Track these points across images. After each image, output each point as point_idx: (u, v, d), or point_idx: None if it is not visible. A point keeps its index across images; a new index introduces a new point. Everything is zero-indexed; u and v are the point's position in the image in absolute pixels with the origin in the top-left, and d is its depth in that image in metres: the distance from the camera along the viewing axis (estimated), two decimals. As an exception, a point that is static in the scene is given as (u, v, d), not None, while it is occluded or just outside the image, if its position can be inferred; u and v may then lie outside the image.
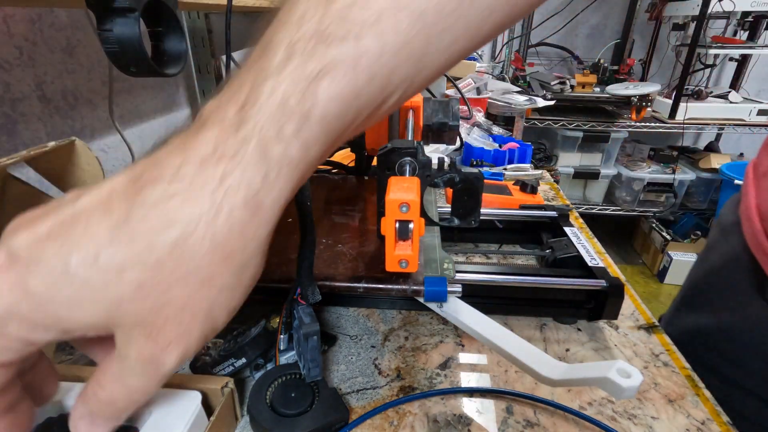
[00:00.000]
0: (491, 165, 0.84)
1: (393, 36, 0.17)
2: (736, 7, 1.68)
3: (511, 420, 0.34)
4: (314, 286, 0.35)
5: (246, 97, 0.17)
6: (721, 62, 2.19)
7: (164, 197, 0.16)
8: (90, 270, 0.16)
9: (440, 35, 0.19)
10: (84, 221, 0.16)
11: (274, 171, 0.17)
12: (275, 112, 0.17)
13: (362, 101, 0.18)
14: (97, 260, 0.16)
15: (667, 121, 1.86)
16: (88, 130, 0.64)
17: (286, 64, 0.17)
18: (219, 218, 0.16)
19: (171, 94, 0.83)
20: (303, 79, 0.17)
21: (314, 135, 0.17)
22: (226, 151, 0.16)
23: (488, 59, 2.25)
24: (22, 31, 0.52)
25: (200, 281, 0.17)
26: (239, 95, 0.17)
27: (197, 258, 0.16)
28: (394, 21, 0.17)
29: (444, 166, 0.40)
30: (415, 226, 0.32)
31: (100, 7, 0.34)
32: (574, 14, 2.15)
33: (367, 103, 0.18)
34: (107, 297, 0.16)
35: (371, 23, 0.17)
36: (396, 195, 0.31)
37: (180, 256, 0.16)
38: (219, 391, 0.31)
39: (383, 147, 0.39)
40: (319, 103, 0.17)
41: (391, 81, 0.18)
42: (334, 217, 0.51)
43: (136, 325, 0.17)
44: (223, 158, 0.16)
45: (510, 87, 1.63)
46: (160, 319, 0.17)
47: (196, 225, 0.16)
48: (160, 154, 0.17)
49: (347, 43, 0.17)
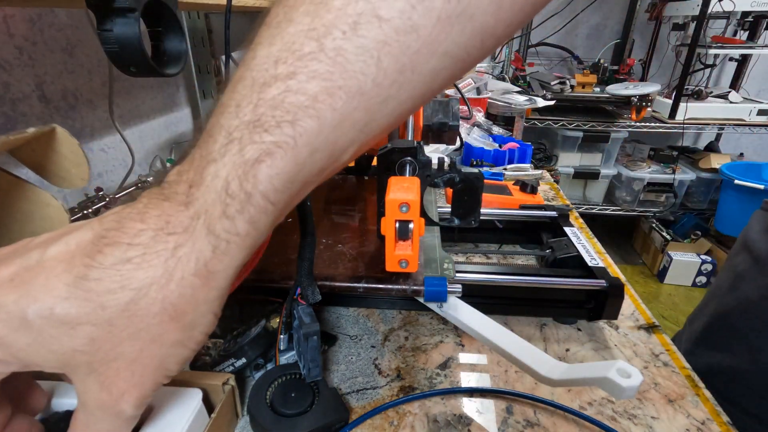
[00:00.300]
0: (491, 165, 0.84)
1: (330, 113, 0.18)
2: (736, 7, 1.68)
3: (511, 420, 0.34)
4: (314, 286, 0.35)
5: (193, 177, 0.19)
6: (721, 62, 2.19)
7: (121, 260, 0.17)
8: (45, 321, 0.17)
9: (384, 103, 0.19)
10: (46, 273, 0.17)
11: (223, 244, 0.18)
12: (219, 194, 0.18)
13: (307, 171, 0.19)
14: (52, 313, 0.17)
15: (667, 121, 1.86)
16: (88, 130, 0.64)
17: (226, 151, 0.18)
18: (171, 284, 0.18)
19: (171, 94, 0.83)
20: (242, 164, 0.18)
21: (259, 210, 0.19)
22: (178, 225, 0.18)
23: (488, 59, 2.24)
24: (22, 31, 0.52)
25: (150, 338, 0.18)
26: (189, 174, 0.19)
27: (148, 318, 0.18)
28: (330, 101, 0.18)
29: (444, 166, 0.40)
30: (415, 226, 0.32)
31: (100, 7, 0.34)
32: (574, 14, 2.14)
33: (314, 171, 0.19)
34: (60, 348, 0.17)
35: (306, 107, 0.18)
36: (396, 195, 0.31)
37: (131, 316, 0.18)
38: (220, 387, 0.31)
39: (383, 147, 0.39)
40: (260, 184, 0.18)
41: (337, 147, 0.19)
42: (334, 217, 0.51)
43: (89, 374, 0.18)
44: (176, 231, 0.18)
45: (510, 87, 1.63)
46: (111, 371, 0.18)
47: (149, 289, 0.18)
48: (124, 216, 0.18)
49: (284, 128, 0.18)
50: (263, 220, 0.19)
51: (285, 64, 0.18)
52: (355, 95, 0.18)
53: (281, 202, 0.19)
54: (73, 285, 0.17)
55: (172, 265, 0.18)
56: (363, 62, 0.18)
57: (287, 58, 0.18)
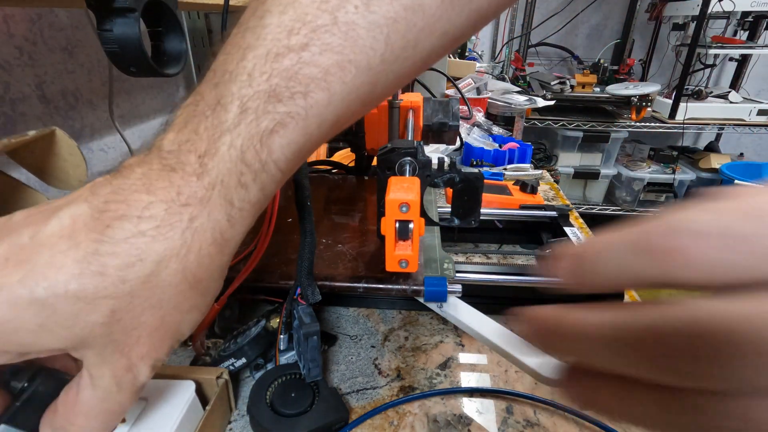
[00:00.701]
0: (491, 165, 0.84)
1: (340, 87, 0.19)
2: (736, 7, 1.67)
3: (511, 420, 0.34)
4: (314, 286, 0.35)
5: (205, 147, 0.18)
6: (721, 62, 2.19)
7: (133, 234, 0.17)
8: (59, 299, 0.16)
9: (386, 76, 0.20)
10: (48, 251, 0.17)
11: (236, 212, 0.19)
12: (234, 164, 0.18)
13: (314, 141, 0.20)
14: (67, 290, 0.16)
15: (667, 121, 1.86)
16: (88, 130, 0.64)
17: (241, 121, 0.18)
18: (190, 255, 0.18)
19: (171, 94, 0.83)
20: (257, 134, 0.18)
21: (270, 178, 0.19)
22: (192, 196, 0.18)
23: (488, 59, 2.25)
24: (22, 31, 0.52)
25: (172, 306, 0.18)
26: (198, 144, 0.18)
27: (170, 288, 0.18)
28: (341, 75, 0.19)
29: (444, 166, 0.40)
30: (415, 226, 0.32)
31: (100, 7, 0.33)
32: (574, 14, 2.14)
33: (319, 141, 0.20)
34: (78, 324, 0.17)
35: (318, 79, 0.19)
36: (396, 195, 0.31)
37: (152, 287, 0.18)
38: (214, 381, 0.31)
39: (383, 147, 0.39)
40: (273, 153, 0.19)
41: (341, 119, 0.20)
42: (334, 217, 0.51)
43: (108, 345, 0.18)
44: (190, 203, 0.18)
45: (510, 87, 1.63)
46: (131, 339, 0.18)
47: (169, 261, 0.18)
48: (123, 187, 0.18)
49: (297, 99, 0.18)
50: (272, 188, 0.20)
51: (298, 35, 0.18)
52: (363, 70, 0.19)
53: (289, 170, 0.20)
54: (84, 261, 0.17)
55: (189, 237, 0.18)
56: (373, 38, 0.19)
57: (300, 29, 0.18)
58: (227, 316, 0.40)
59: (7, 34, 0.50)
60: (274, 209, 0.37)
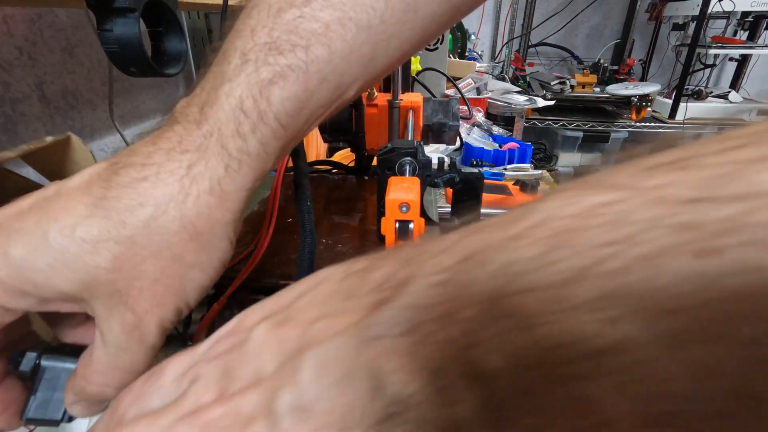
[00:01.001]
0: (491, 165, 0.84)
1: (340, 44, 0.19)
2: (736, 7, 1.68)
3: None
4: (314, 286, 0.35)
5: (207, 97, 0.19)
6: (721, 62, 2.19)
7: (136, 179, 0.18)
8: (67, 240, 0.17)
9: (387, 41, 0.21)
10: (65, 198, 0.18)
11: (235, 163, 0.19)
12: (233, 112, 0.19)
13: (316, 100, 0.20)
14: (74, 232, 0.17)
15: (667, 121, 1.86)
16: (88, 130, 0.64)
17: (241, 71, 0.19)
18: (188, 201, 0.18)
19: (171, 94, 0.83)
20: (257, 83, 0.19)
21: (270, 132, 0.19)
22: (190, 143, 0.19)
23: (488, 59, 2.25)
24: (22, 31, 0.52)
25: (171, 257, 0.18)
26: (201, 96, 0.19)
27: (168, 236, 0.18)
28: (341, 32, 0.19)
29: (444, 166, 0.40)
30: (415, 226, 0.32)
31: (100, 7, 0.34)
32: (574, 14, 2.15)
33: (321, 101, 0.20)
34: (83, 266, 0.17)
35: (318, 34, 0.19)
36: (396, 195, 0.31)
37: (151, 233, 0.18)
38: None
39: (383, 147, 0.39)
40: (273, 104, 0.19)
41: (344, 81, 0.20)
42: (334, 217, 0.51)
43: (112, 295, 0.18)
44: (188, 149, 0.18)
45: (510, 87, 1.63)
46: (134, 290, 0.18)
47: (167, 206, 0.18)
48: (137, 144, 0.19)
49: (297, 52, 0.19)
50: (273, 144, 0.20)
51: None
52: (363, 29, 0.19)
53: (291, 127, 0.20)
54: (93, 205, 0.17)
55: (187, 183, 0.18)
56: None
57: None
58: (227, 316, 0.41)
59: (7, 34, 0.50)
60: (275, 209, 0.37)
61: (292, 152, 0.32)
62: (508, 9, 2.14)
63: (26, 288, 0.17)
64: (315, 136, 0.81)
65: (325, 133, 0.58)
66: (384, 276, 0.14)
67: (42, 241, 0.17)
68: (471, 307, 0.11)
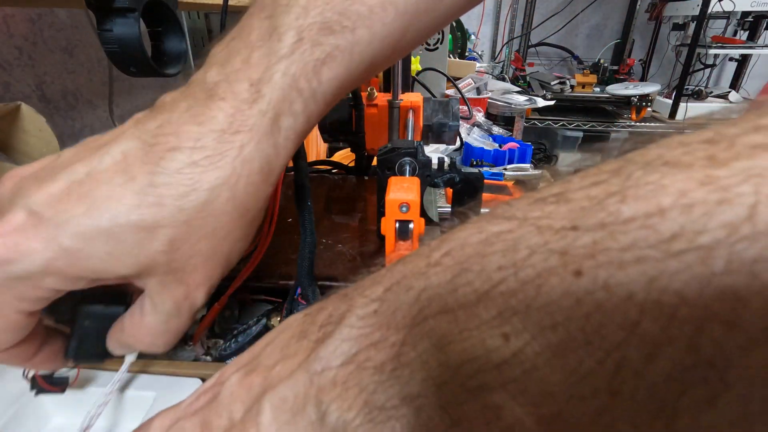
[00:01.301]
0: (491, 165, 0.84)
1: (380, 27, 0.20)
2: (736, 7, 1.68)
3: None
4: (314, 286, 0.35)
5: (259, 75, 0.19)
6: (721, 62, 2.19)
7: (187, 164, 0.18)
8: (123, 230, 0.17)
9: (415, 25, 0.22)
10: (105, 185, 0.18)
11: (282, 141, 0.20)
12: (287, 91, 0.19)
13: (352, 81, 0.21)
14: (128, 221, 0.17)
15: (667, 121, 1.86)
16: (88, 130, 0.64)
17: (296, 49, 0.19)
18: (239, 184, 0.19)
19: (171, 94, 0.83)
20: (311, 62, 0.19)
21: (317, 110, 0.20)
22: (243, 124, 0.19)
23: (488, 59, 2.25)
24: (22, 31, 0.52)
25: (223, 236, 0.19)
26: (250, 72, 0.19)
27: (222, 217, 0.19)
28: (382, 15, 0.20)
29: (444, 166, 0.40)
30: (415, 226, 0.32)
31: (100, 7, 0.34)
32: (574, 14, 2.15)
33: (356, 82, 0.22)
34: (141, 252, 0.18)
35: (364, 16, 0.20)
36: (396, 195, 0.31)
37: (206, 216, 0.18)
38: None
39: (383, 147, 0.39)
40: (322, 84, 0.20)
41: (376, 63, 0.22)
42: (334, 217, 0.51)
43: (168, 274, 0.19)
44: (241, 130, 0.18)
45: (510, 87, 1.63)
46: (189, 267, 0.19)
47: (220, 189, 0.18)
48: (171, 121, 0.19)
49: (346, 33, 0.20)
50: (313, 121, 0.21)
51: None
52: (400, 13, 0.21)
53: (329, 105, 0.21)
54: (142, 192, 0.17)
55: (239, 165, 0.18)
56: None
57: None
58: (227, 316, 0.41)
59: (7, 34, 0.50)
60: (275, 209, 0.37)
61: (292, 152, 0.32)
62: (508, 9, 2.14)
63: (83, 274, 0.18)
64: (315, 136, 0.81)
65: (325, 133, 0.58)
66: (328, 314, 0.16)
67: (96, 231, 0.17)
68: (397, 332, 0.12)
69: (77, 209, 0.17)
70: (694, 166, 0.09)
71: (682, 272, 0.08)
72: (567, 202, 0.11)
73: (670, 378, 0.08)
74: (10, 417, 0.28)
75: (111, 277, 0.18)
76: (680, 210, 0.09)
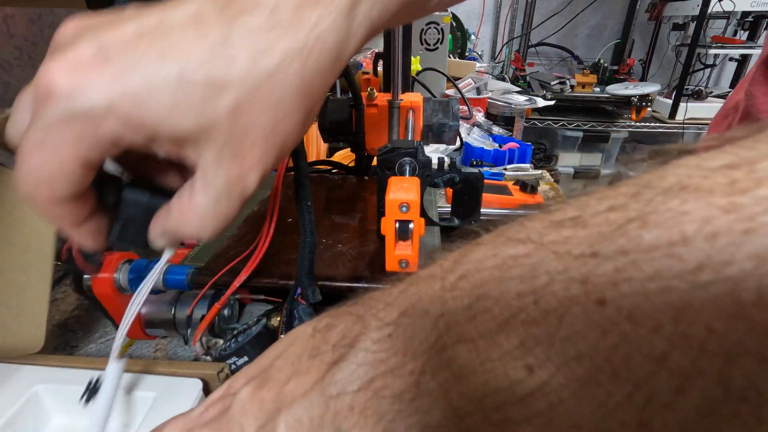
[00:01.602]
0: (491, 165, 0.84)
1: None
2: (736, 7, 1.68)
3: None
4: (314, 286, 0.35)
5: None
6: (721, 62, 2.19)
7: (264, 28, 0.17)
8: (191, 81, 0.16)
9: None
10: (178, 35, 0.17)
11: (356, 25, 0.19)
12: None
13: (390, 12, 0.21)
14: (197, 74, 0.16)
15: (667, 121, 1.86)
16: (89, 130, 0.64)
17: None
18: (310, 57, 0.18)
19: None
20: None
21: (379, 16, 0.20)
22: None
23: (488, 59, 2.25)
24: (22, 31, 0.52)
25: (285, 113, 0.18)
26: None
27: (289, 89, 0.18)
28: None
29: (444, 166, 0.40)
30: (415, 226, 0.32)
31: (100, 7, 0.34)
32: (574, 14, 2.15)
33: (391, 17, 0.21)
34: (205, 109, 0.17)
35: None
36: (396, 195, 0.31)
37: (275, 85, 0.18)
38: (216, 376, 0.32)
39: (383, 147, 0.39)
40: None
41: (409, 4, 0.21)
42: (334, 217, 0.51)
43: (225, 145, 0.18)
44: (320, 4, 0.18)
45: (510, 87, 1.63)
46: (247, 143, 0.18)
47: (292, 58, 0.18)
48: None
49: None
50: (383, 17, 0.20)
51: None
52: None
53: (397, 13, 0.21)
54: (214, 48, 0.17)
55: (312, 38, 0.18)
56: None
57: None
58: (227, 316, 0.41)
59: (7, 34, 0.50)
60: (275, 209, 0.37)
61: (292, 152, 0.32)
62: (508, 9, 2.14)
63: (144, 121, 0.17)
64: (315, 136, 0.81)
65: (325, 133, 0.58)
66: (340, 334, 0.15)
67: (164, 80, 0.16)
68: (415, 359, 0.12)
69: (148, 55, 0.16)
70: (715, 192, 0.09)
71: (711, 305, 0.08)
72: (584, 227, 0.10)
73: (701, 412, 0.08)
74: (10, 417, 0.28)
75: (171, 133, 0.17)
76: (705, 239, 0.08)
